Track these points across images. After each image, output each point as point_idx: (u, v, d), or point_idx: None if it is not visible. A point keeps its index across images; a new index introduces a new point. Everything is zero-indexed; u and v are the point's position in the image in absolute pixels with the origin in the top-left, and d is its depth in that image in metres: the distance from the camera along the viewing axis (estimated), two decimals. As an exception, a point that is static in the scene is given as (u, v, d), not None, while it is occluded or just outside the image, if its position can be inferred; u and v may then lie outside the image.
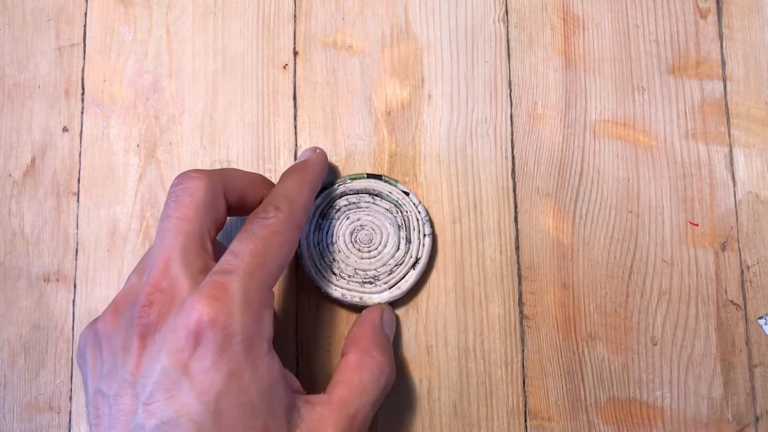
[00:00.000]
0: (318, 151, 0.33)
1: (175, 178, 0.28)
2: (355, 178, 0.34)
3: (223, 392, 0.24)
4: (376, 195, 0.34)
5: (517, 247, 0.35)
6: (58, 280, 0.35)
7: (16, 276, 0.36)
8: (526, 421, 0.34)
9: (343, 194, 0.34)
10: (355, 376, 0.28)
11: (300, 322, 0.35)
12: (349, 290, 0.33)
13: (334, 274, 0.33)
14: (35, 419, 0.35)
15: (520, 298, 0.34)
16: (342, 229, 0.34)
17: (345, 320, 0.35)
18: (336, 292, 0.33)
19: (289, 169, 0.32)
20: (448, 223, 0.35)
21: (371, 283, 0.33)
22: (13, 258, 0.36)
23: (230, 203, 0.29)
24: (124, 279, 0.35)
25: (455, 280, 0.35)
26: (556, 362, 0.34)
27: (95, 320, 0.28)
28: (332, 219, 0.34)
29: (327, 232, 0.34)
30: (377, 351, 0.29)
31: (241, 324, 0.24)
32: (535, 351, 0.34)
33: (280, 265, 0.27)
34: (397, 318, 0.34)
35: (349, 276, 0.33)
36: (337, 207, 0.34)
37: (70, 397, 0.35)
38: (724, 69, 0.36)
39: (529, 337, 0.34)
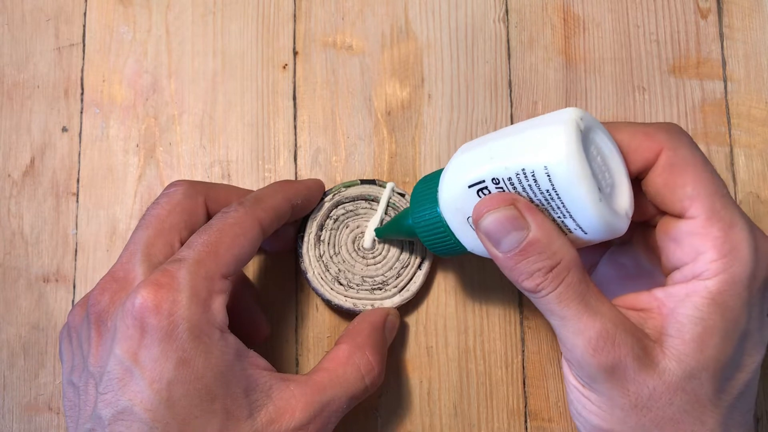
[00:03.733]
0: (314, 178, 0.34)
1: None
2: (349, 186, 0.34)
3: (175, 379, 0.24)
4: (372, 200, 0.34)
5: (518, 248, 0.35)
6: (57, 280, 0.35)
7: (15, 276, 0.36)
8: (526, 422, 0.34)
9: (339, 203, 0.34)
10: (340, 367, 0.28)
11: (300, 322, 0.34)
12: (360, 299, 0.33)
13: (342, 284, 0.33)
14: (34, 420, 0.35)
15: (520, 299, 0.34)
16: (343, 238, 0.33)
17: (345, 321, 0.34)
18: (347, 303, 0.33)
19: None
20: (448, 224, 0.35)
21: (380, 289, 0.33)
22: (12, 258, 0.36)
23: (213, 211, 0.29)
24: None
25: (455, 281, 0.34)
26: (557, 363, 0.34)
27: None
28: (332, 230, 0.33)
29: (329, 244, 0.33)
30: (370, 350, 0.29)
31: (187, 311, 0.24)
32: (536, 352, 0.34)
33: (236, 256, 0.27)
34: (404, 324, 0.34)
35: (357, 285, 0.33)
36: (335, 217, 0.34)
37: (70, 398, 0.35)
38: (724, 69, 0.36)
39: (530, 337, 0.34)
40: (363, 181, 0.34)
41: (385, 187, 0.34)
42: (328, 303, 0.33)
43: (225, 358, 0.25)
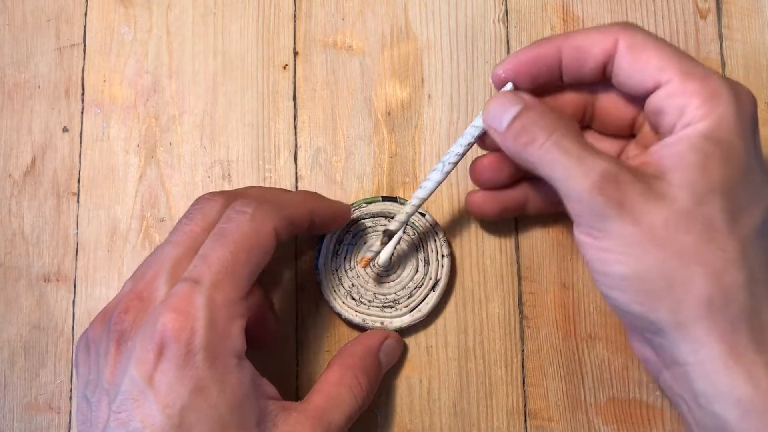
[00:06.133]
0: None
1: (195, 199, 0.28)
2: (370, 202, 0.34)
3: (188, 406, 0.24)
4: (392, 218, 0.34)
5: (517, 247, 0.35)
6: (58, 280, 0.35)
7: (16, 276, 0.36)
8: (525, 421, 0.34)
9: (358, 219, 0.34)
10: (333, 388, 0.28)
11: (300, 322, 0.35)
12: (370, 315, 0.33)
13: (354, 299, 0.33)
14: (35, 419, 0.35)
15: (520, 298, 0.34)
16: (359, 254, 0.34)
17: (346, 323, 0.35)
18: (357, 318, 0.33)
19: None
20: (448, 224, 0.35)
21: (391, 307, 0.33)
22: (13, 258, 0.36)
23: None
24: (124, 279, 0.35)
25: (455, 280, 0.35)
26: (556, 362, 0.34)
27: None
28: (349, 244, 0.34)
29: (344, 258, 0.34)
30: (361, 373, 0.29)
31: (205, 339, 0.24)
32: (535, 351, 0.34)
33: (252, 271, 0.26)
34: (406, 347, 0.34)
35: (369, 301, 0.33)
36: (353, 232, 0.34)
37: (70, 397, 0.35)
38: (723, 69, 0.36)
39: (529, 337, 0.34)
40: (384, 198, 0.34)
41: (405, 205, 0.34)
42: (339, 316, 0.33)
43: (241, 388, 0.25)
